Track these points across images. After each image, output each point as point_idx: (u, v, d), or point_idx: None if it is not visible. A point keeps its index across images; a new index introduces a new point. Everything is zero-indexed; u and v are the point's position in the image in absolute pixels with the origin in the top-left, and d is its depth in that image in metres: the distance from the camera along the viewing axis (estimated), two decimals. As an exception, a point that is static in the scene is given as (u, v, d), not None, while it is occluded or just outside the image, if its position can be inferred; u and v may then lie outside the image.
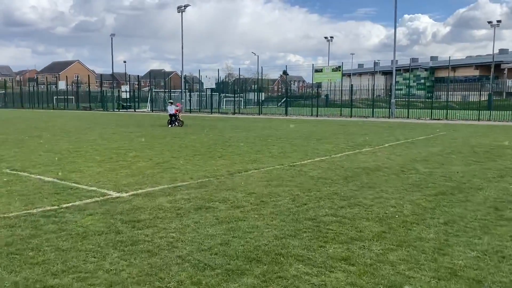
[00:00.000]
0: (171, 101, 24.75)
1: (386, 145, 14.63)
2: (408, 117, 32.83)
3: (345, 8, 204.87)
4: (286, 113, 38.44)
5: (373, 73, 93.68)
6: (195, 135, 17.94)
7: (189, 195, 6.94)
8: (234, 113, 42.24)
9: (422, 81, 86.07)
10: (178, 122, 23.19)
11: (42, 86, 75.90)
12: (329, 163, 10.60)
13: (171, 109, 23.43)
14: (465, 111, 32.17)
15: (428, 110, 33.65)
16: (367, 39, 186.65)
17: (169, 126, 23.04)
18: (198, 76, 50.80)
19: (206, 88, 46.93)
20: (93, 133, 18.54)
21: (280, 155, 12.03)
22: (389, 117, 33.02)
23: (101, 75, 64.40)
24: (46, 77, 79.76)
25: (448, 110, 31.98)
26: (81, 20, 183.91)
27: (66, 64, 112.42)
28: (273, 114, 39.54)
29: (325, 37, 69.33)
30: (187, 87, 55.13)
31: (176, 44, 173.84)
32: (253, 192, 7.17)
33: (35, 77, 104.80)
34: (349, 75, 77.96)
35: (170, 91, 50.14)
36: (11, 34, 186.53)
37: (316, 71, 38.06)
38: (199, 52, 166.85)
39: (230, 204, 6.40)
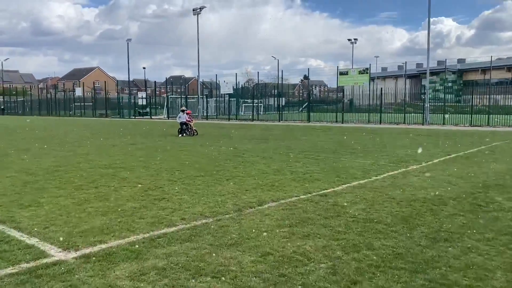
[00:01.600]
0: (184, 108, 22.42)
1: (436, 160, 11.88)
2: (443, 124, 29.77)
3: (366, 13, 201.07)
4: (308, 119, 35.78)
5: (397, 77, 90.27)
6: (205, 147, 15.52)
7: (167, 259, 4.45)
8: (252, 119, 39.81)
9: (450, 84, 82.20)
10: (189, 132, 20.86)
11: (65, 93, 75.34)
12: (372, 190, 7.97)
13: (183, 117, 21.12)
14: (508, 116, 28.93)
15: (465, 115, 30.51)
16: (389, 43, 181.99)
17: (180, 135, 20.73)
18: (216, 82, 48.66)
19: (224, 94, 44.69)
20: (91, 145, 16.34)
21: (305, 176, 9.45)
22: (423, 124, 30.00)
23: (117, 81, 63.17)
24: (64, 84, 79.15)
25: (490, 115, 28.79)
26: (106, 29, 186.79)
27: (86, 70, 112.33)
28: (294, 120, 36.95)
29: (349, 39, 66.39)
30: (206, 93, 53.11)
31: (196, 51, 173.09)
32: (269, 253, 4.63)
33: (57, 84, 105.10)
34: (372, 79, 74.77)
35: (187, 97, 48.06)
36: (39, 43, 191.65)
37: (341, 73, 35.32)
38: (220, 59, 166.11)
39: (228, 283, 3.89)
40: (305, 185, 8.50)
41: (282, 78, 50.15)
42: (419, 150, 13.90)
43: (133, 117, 49.26)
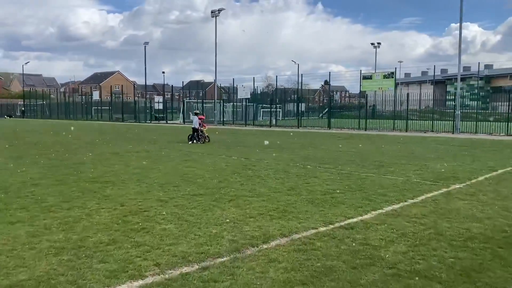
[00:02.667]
0: (197, 111, 20.88)
1: (481, 178, 10.01)
2: (475, 132, 27.54)
3: (389, 18, 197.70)
4: (328, 126, 33.95)
5: (421, 83, 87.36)
6: (214, 156, 13.95)
7: None
8: (270, 125, 38.17)
9: (476, 90, 79.07)
10: (200, 138, 19.35)
11: (83, 97, 75.35)
12: (411, 221, 6.23)
13: (195, 122, 19.63)
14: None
15: (500, 123, 28.22)
16: (412, 49, 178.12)
17: (190, 142, 19.24)
18: (233, 86, 47.24)
19: (241, 98, 43.23)
20: (91, 152, 14.97)
21: (325, 197, 7.76)
22: (453, 132, 27.83)
23: (134, 85, 62.30)
24: (81, 88, 79.26)
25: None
26: (130, 34, 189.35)
27: (107, 75, 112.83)
28: (313, 126, 35.16)
29: (372, 43, 64.26)
30: (225, 97, 51.74)
31: (219, 56, 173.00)
32: None
33: (78, 88, 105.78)
34: (396, 84, 72.36)
35: (203, 101, 46.77)
36: (65, 48, 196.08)
37: (365, 78, 33.39)
38: (241, 64, 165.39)
39: None
40: (324, 210, 6.81)
41: (301, 83, 48.41)
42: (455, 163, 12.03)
43: (149, 121, 48.27)
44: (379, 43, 64.73)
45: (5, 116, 66.46)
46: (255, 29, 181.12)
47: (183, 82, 58.22)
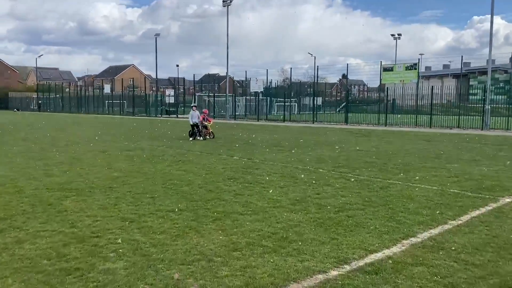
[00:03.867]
0: (195, 104, 19.16)
1: (535, 188, 8.07)
2: (507, 129, 25.21)
3: (409, 11, 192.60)
4: (346, 121, 31.93)
5: (442, 76, 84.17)
6: (212, 156, 12.24)
7: None
8: (284, 120, 36.32)
9: (501, 84, 75.64)
10: (202, 135, 17.68)
11: (96, 90, 74.65)
12: (457, 258, 4.40)
13: (195, 117, 17.95)
14: None
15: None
16: (432, 42, 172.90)
17: (191, 139, 17.58)
18: (246, 79, 45.48)
19: (254, 92, 41.44)
20: (78, 150, 13.44)
21: (340, 217, 5.97)
22: (482, 128, 25.56)
23: (145, 78, 61.04)
24: (94, 81, 78.59)
25: None
26: (148, 28, 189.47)
27: (121, 68, 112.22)
28: (330, 122, 33.16)
29: (392, 35, 61.63)
30: (240, 92, 49.97)
31: (236, 50, 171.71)
32: None
33: (93, 81, 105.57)
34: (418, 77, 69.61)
35: (215, 95, 45.14)
36: (85, 42, 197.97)
37: (385, 69, 31.21)
38: (258, 58, 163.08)
39: None
40: (338, 238, 5.03)
41: (317, 76, 46.29)
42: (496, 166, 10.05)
43: (160, 116, 46.88)
44: (399, 35, 62.13)
45: (15, 110, 66.13)
46: (272, 22, 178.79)
47: (194, 75, 56.68)
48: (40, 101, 71.74)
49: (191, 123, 17.91)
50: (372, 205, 6.67)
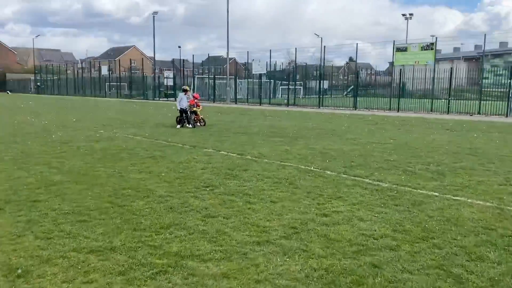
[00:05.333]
0: (186, 87, 16.82)
1: None
2: (535, 116, 22.70)
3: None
4: (354, 106, 29.46)
5: (453, 59, 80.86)
6: (194, 151, 9.98)
7: None
8: (288, 104, 33.89)
9: (516, 67, 72.38)
10: (191, 122, 15.40)
11: (95, 72, 72.36)
12: None
13: (184, 101, 15.64)
14: None
15: None
16: (441, 25, 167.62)
17: (178, 126, 15.32)
18: (247, 61, 42.91)
19: (257, 74, 38.89)
20: (37, 140, 11.24)
21: (361, 268, 3.70)
22: (507, 115, 23.07)
23: (142, 59, 58.44)
24: (95, 63, 76.33)
25: None
26: (154, 10, 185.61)
27: (122, 50, 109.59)
28: (337, 106, 30.69)
29: (403, 14, 58.41)
30: (245, 74, 47.21)
31: (242, 33, 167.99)
32: None
33: (93, 63, 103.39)
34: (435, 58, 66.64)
35: (215, 77, 42.67)
36: (90, 24, 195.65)
37: (399, 50, 28.58)
38: (265, 41, 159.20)
39: None
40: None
41: (324, 59, 43.49)
42: None
43: (157, 99, 44.56)
44: (411, 14, 58.82)
45: (7, 91, 64.08)
46: (280, 5, 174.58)
47: (193, 55, 53.75)
48: (38, 83, 69.54)
49: (179, 108, 15.61)
50: (406, 239, 4.40)
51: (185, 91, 16.06)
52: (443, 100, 26.57)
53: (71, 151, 9.70)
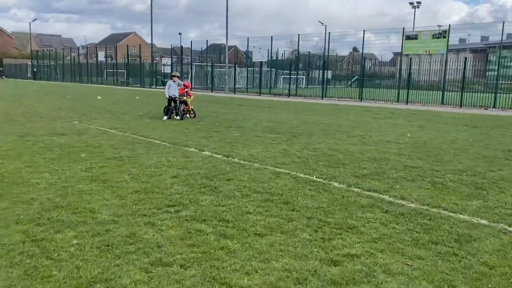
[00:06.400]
0: (176, 73, 15.03)
1: None
2: (556, 111, 20.90)
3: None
4: (360, 97, 27.65)
5: (459, 51, 78.69)
6: (172, 151, 8.29)
7: None
8: (289, 94, 32.10)
9: (524, 60, 70.35)
10: (180, 113, 13.69)
11: (92, 58, 70.42)
12: None
13: (173, 88, 13.91)
14: None
15: None
16: (446, 17, 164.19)
17: (165, 118, 13.63)
18: (247, 48, 40.97)
19: (258, 61, 36.99)
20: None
21: None
22: (526, 110, 21.29)
23: (139, 45, 56.41)
24: (95, 49, 74.64)
25: None
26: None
27: (122, 36, 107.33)
28: (341, 98, 28.88)
29: (410, 3, 56.21)
30: (248, 63, 45.19)
31: (245, 21, 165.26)
32: None
33: (94, 49, 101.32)
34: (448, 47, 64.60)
35: (213, 65, 40.79)
36: (94, 11, 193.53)
37: (408, 38, 26.68)
38: (269, 30, 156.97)
39: None
40: None
41: (329, 48, 41.46)
42: None
43: (154, 86, 42.76)
44: (418, 2, 56.60)
45: (2, 77, 62.37)
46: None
47: (191, 42, 51.62)
48: (35, 69, 67.69)
49: (167, 96, 13.88)
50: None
51: (173, 77, 14.31)
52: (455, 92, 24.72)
53: (23, 147, 8.02)
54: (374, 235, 4.09)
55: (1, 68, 70.96)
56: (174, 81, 14.12)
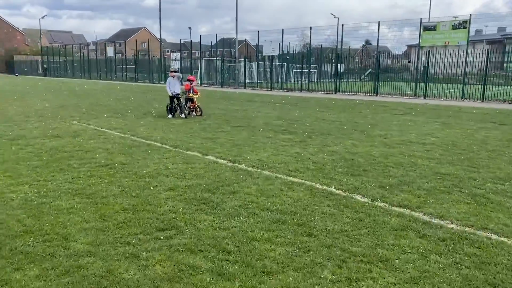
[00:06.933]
0: (175, 68, 14.22)
1: None
2: None
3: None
4: (375, 92, 26.59)
5: (474, 42, 76.69)
6: (171, 155, 7.48)
7: None
8: (301, 89, 31.13)
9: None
10: (185, 111, 12.92)
11: (102, 54, 70.03)
12: None
13: (173, 84, 13.14)
14: None
15: None
16: (460, 7, 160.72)
17: (169, 116, 12.87)
18: (258, 42, 40.00)
19: (268, 55, 36.04)
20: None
21: None
22: (554, 104, 20.06)
23: (148, 39, 55.64)
24: (105, 45, 74.19)
25: None
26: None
27: (132, 31, 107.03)
28: (355, 92, 27.83)
29: (426, -7, 54.37)
30: (259, 57, 44.26)
31: (257, 16, 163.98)
32: None
33: (103, 45, 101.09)
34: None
35: (223, 59, 39.92)
36: (105, 7, 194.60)
37: (426, 29, 25.49)
38: (280, 23, 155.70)
39: None
40: None
41: (342, 41, 40.30)
42: None
43: (163, 82, 42.06)
44: (435, -7, 54.75)
45: (16, 74, 62.25)
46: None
47: (200, 36, 51.05)
48: (45, 66, 67.54)
49: (170, 94, 13.10)
50: None
51: (174, 72, 13.51)
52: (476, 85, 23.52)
53: (9, 152, 7.28)
54: (413, 273, 3.23)
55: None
56: (173, 77, 13.34)
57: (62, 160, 6.77)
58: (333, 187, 5.46)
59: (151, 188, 5.30)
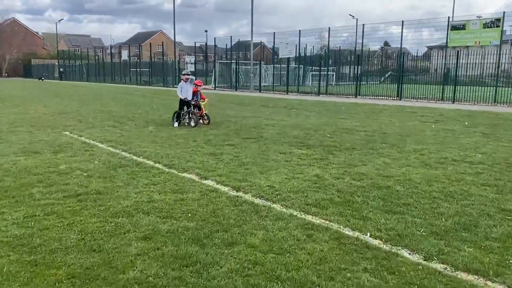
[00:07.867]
0: (187, 72, 12.94)
1: None
2: None
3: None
4: (399, 96, 24.89)
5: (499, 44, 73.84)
6: (163, 178, 6.11)
7: None
8: (319, 93, 29.61)
9: None
10: (194, 119, 11.62)
11: (118, 58, 69.66)
12: None
13: (186, 91, 11.90)
14: None
15: None
16: (481, 8, 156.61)
17: (175, 125, 11.60)
18: (274, 44, 38.59)
19: (285, 58, 34.58)
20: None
21: None
22: None
23: (162, 42, 54.61)
24: (120, 48, 73.86)
25: None
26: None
27: (149, 34, 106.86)
28: (376, 96, 26.16)
29: (449, -8, 52.27)
30: (275, 60, 42.87)
31: (273, 18, 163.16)
32: None
33: (119, 49, 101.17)
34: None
35: (238, 62, 38.63)
36: (125, 11, 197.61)
37: (454, 28, 23.73)
38: (297, 25, 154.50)
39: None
40: None
41: (362, 43, 38.56)
42: None
43: (176, 85, 41.01)
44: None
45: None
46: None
47: (215, 38, 49.65)
48: (61, 69, 67.41)
49: (183, 99, 11.86)
50: None
51: (187, 75, 12.25)
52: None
53: (-32, 176, 6.02)
54: None
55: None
56: (185, 81, 12.08)
57: (26, 186, 5.48)
58: (368, 234, 4.01)
59: (122, 234, 3.93)
